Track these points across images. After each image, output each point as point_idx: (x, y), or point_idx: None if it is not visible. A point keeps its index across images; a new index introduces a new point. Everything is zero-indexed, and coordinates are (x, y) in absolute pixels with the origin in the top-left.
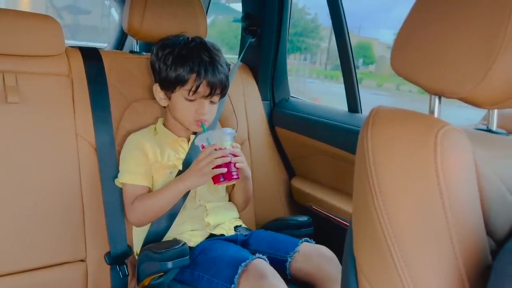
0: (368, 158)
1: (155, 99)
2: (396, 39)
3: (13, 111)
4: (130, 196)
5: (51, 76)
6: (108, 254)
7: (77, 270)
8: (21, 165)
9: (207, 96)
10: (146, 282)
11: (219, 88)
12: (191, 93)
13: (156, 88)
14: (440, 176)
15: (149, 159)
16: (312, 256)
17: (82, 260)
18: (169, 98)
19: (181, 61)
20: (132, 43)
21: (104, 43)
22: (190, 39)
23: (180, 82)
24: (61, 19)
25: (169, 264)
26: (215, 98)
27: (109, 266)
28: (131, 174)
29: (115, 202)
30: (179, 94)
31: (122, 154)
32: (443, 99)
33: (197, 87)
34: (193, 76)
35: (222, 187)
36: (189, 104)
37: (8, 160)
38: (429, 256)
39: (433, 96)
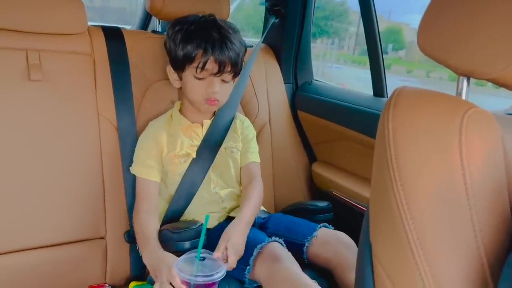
0: (388, 140)
1: None
2: (424, 17)
3: (36, 89)
4: (140, 191)
5: (74, 55)
6: (127, 233)
7: (97, 247)
8: (43, 142)
9: (216, 73)
10: None
11: (229, 66)
12: (198, 70)
13: (170, 69)
14: (465, 160)
15: (163, 151)
16: (330, 241)
17: (102, 238)
18: (181, 79)
19: (189, 38)
20: (155, 24)
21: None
22: (201, 16)
23: (188, 59)
24: (90, 1)
25: (187, 244)
26: (226, 77)
27: (128, 244)
28: (143, 167)
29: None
30: (189, 73)
31: (138, 141)
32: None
33: (204, 63)
34: (200, 52)
35: (235, 173)
36: (198, 83)
37: (30, 137)
38: (449, 244)
39: (461, 78)
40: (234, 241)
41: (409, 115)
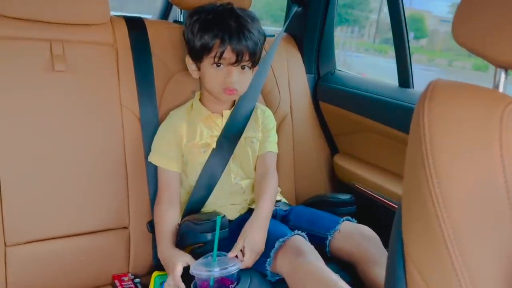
0: (423, 136)
1: None
2: (459, 7)
3: (59, 80)
4: (161, 180)
5: (97, 45)
6: (150, 223)
7: (120, 237)
8: (67, 132)
9: (234, 63)
10: (186, 251)
11: (247, 55)
12: (216, 59)
13: (188, 60)
14: (505, 157)
15: (183, 140)
16: (353, 235)
17: (125, 228)
18: (199, 69)
19: (206, 28)
20: (176, 13)
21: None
22: (218, 5)
23: (205, 49)
24: None
25: (208, 236)
26: (245, 64)
27: (151, 234)
28: (163, 157)
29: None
30: (207, 63)
31: (158, 131)
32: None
33: (221, 53)
34: (217, 42)
35: (254, 164)
36: (216, 71)
37: (54, 127)
38: (488, 244)
39: (498, 69)
40: (252, 239)
41: (445, 109)
